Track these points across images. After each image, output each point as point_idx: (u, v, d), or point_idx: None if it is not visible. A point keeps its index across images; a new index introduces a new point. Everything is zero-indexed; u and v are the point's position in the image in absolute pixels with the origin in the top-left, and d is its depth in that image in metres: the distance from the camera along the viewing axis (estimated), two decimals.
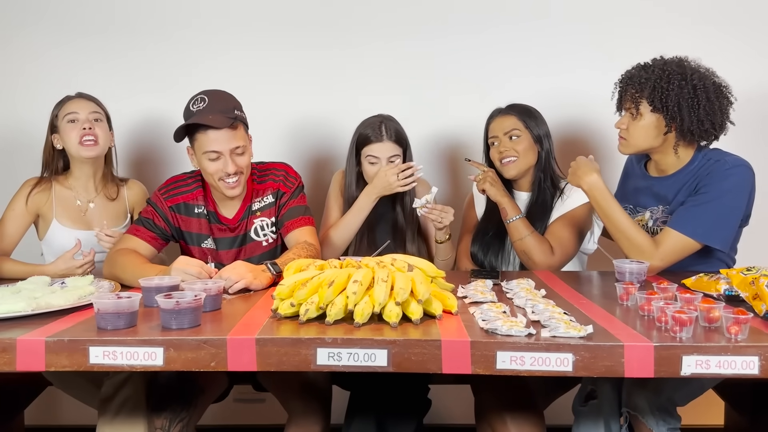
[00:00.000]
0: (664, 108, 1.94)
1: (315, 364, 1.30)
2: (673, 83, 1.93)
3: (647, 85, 1.95)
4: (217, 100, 1.96)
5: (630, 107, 1.99)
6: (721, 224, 1.91)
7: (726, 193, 1.90)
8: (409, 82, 2.75)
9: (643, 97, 1.96)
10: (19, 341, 1.32)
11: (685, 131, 1.95)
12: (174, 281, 1.61)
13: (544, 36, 2.73)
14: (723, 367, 1.26)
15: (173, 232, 2.09)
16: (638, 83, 1.97)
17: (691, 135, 1.96)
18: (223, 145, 1.94)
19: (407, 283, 1.43)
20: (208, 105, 1.94)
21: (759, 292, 1.47)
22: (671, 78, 1.93)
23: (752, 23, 2.68)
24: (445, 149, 2.82)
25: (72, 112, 2.18)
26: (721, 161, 1.96)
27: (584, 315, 1.49)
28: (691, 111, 1.92)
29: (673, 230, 1.91)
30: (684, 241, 1.90)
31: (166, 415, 1.72)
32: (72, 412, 2.74)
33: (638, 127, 1.99)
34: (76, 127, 2.17)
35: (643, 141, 2.00)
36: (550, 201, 2.25)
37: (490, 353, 1.28)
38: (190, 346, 1.31)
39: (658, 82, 1.94)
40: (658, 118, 1.96)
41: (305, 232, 2.07)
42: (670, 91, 1.92)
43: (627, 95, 2.01)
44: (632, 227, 1.93)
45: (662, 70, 1.96)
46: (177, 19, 2.77)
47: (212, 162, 1.96)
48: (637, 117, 1.98)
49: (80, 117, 2.18)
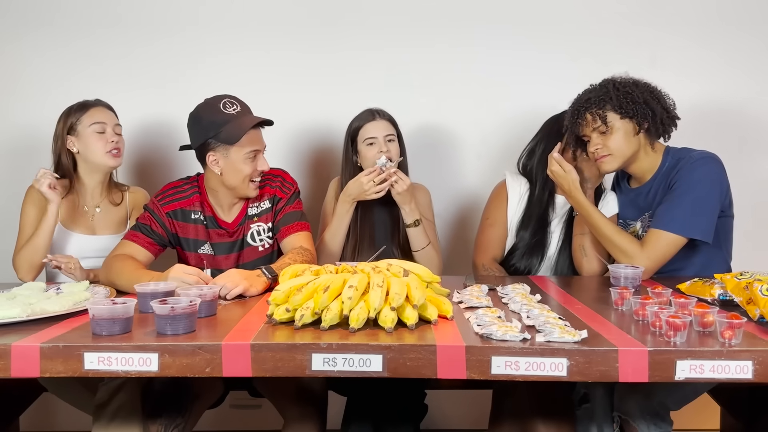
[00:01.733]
0: (634, 110, 1.99)
1: (310, 369, 1.31)
2: (630, 87, 2.01)
3: (607, 97, 2.01)
4: (242, 101, 2.04)
5: (597, 125, 2.02)
6: (698, 215, 1.95)
7: (696, 184, 1.96)
8: (407, 86, 2.76)
9: (608, 110, 2.01)
10: (14, 347, 1.32)
11: (657, 124, 2.02)
12: (169, 287, 1.61)
13: (541, 41, 2.74)
14: (717, 372, 1.27)
15: (170, 239, 2.09)
16: (597, 101, 2.02)
17: (662, 127, 2.03)
18: (261, 144, 2.05)
19: (402, 288, 1.43)
20: (243, 106, 2.03)
21: (753, 296, 1.47)
22: (625, 84, 2.02)
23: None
24: (444, 151, 2.82)
25: (100, 122, 2.21)
26: (686, 157, 2.02)
27: (579, 320, 1.49)
28: (657, 104, 2.00)
29: (655, 229, 1.96)
30: (667, 238, 1.93)
31: (162, 421, 1.72)
32: (67, 418, 2.74)
33: (615, 139, 2.02)
34: (103, 138, 2.21)
35: (626, 148, 2.03)
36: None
37: (485, 358, 1.28)
38: (185, 352, 1.31)
39: (616, 91, 2.01)
40: (628, 123, 2.01)
41: (301, 238, 2.08)
42: (632, 93, 1.99)
43: (588, 117, 2.03)
44: (617, 233, 1.99)
45: (611, 83, 2.04)
46: (176, 22, 2.77)
47: (251, 162, 2.02)
48: (608, 131, 2.01)
49: (107, 128, 2.22)
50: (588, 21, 2.74)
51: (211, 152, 2.01)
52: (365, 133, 2.27)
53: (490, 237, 2.30)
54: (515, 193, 2.31)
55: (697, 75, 2.67)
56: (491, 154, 2.77)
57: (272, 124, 2.05)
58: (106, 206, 2.30)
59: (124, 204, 2.34)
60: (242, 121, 1.98)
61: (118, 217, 2.32)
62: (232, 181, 2.03)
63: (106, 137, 2.21)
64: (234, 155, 2.00)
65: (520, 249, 2.25)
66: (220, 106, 1.99)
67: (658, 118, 2.01)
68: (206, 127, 1.98)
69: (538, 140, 2.30)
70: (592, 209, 2.04)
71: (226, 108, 1.99)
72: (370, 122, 2.27)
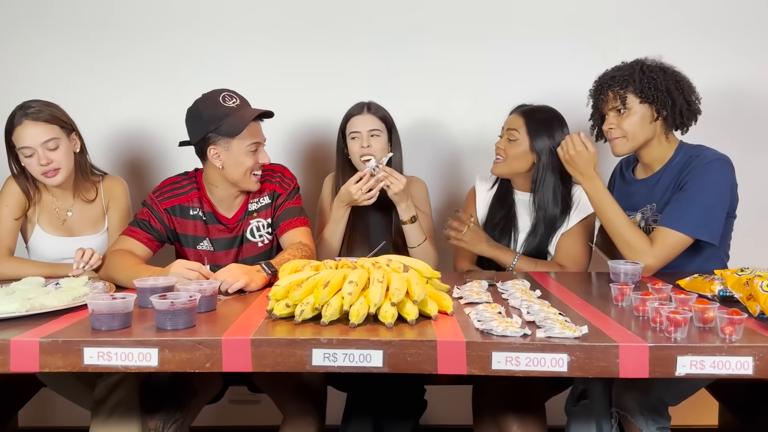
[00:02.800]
0: (655, 96, 1.98)
1: (310, 364, 1.30)
2: (656, 72, 2.00)
3: (631, 79, 2.00)
4: (240, 95, 2.03)
5: (616, 105, 2.02)
6: (708, 217, 1.94)
7: (709, 186, 1.95)
8: (405, 82, 2.76)
9: (629, 91, 2.00)
10: (13, 342, 1.31)
11: (676, 115, 2.01)
12: (169, 282, 1.60)
13: (540, 40, 2.74)
14: (717, 368, 1.27)
15: (169, 234, 2.09)
16: (621, 80, 2.01)
17: (680, 118, 2.02)
18: (261, 137, 2.06)
19: (403, 283, 1.43)
20: (242, 99, 2.02)
21: (753, 292, 1.47)
22: (652, 68, 2.01)
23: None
24: (442, 150, 2.82)
25: (25, 146, 2.05)
26: (700, 156, 2.01)
27: (579, 316, 1.49)
28: (679, 94, 2.00)
29: (664, 228, 1.95)
30: (675, 237, 1.93)
31: (160, 416, 1.72)
32: (65, 413, 2.73)
33: (631, 122, 2.02)
34: (34, 161, 2.06)
35: (640, 133, 2.03)
36: (557, 218, 2.21)
37: (485, 354, 1.28)
38: (185, 347, 1.31)
39: (642, 74, 2.00)
40: (647, 109, 2.01)
41: (300, 233, 2.08)
42: (657, 79, 1.99)
43: (610, 95, 2.04)
44: (628, 226, 1.96)
45: (639, 65, 2.03)
46: (173, 21, 2.76)
47: (253, 154, 2.02)
48: (625, 112, 2.01)
49: (35, 150, 2.05)
50: (589, 20, 2.73)
51: (212, 146, 2.00)
52: (350, 126, 2.29)
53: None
54: (482, 193, 2.38)
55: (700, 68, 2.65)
56: (489, 149, 2.75)
57: (272, 116, 2.05)
58: (80, 206, 2.22)
59: (99, 199, 2.25)
60: (243, 114, 1.98)
61: (93, 215, 2.24)
62: (233, 175, 2.03)
63: (36, 160, 2.06)
64: (235, 148, 1.99)
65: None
66: (220, 99, 1.98)
67: (678, 109, 2.00)
68: (207, 121, 1.97)
69: None
70: (608, 196, 2.00)
71: (226, 101, 1.98)
72: (356, 116, 2.29)
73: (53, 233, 2.19)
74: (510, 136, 2.20)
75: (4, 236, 2.13)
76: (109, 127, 2.77)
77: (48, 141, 2.06)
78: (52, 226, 2.20)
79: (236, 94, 2.02)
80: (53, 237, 2.19)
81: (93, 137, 2.39)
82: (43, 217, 2.19)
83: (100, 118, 2.73)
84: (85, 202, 2.23)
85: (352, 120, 2.29)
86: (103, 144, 2.75)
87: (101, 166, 2.33)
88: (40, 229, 2.19)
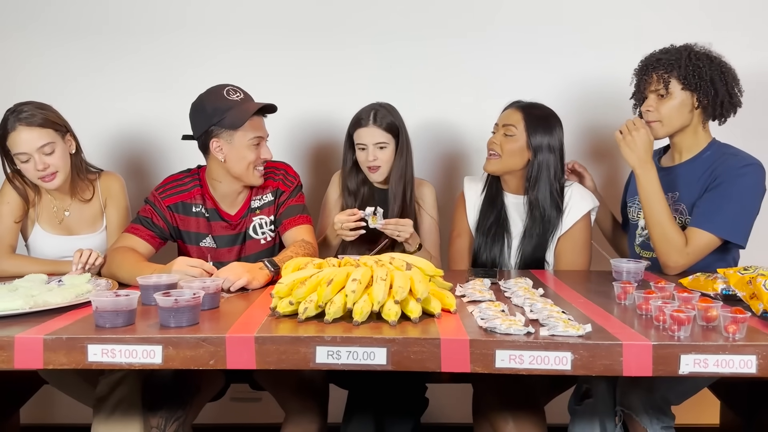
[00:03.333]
0: (698, 84, 1.98)
1: (314, 362, 1.30)
2: (702, 60, 1.99)
3: (677, 64, 1.99)
4: (244, 90, 2.04)
5: (658, 88, 2.01)
6: (743, 220, 1.96)
7: (746, 189, 1.96)
8: (409, 81, 2.75)
9: (673, 76, 1.99)
10: (17, 339, 1.31)
11: (716, 106, 2.00)
12: (172, 279, 1.60)
13: (542, 37, 2.74)
14: (721, 366, 1.27)
15: (171, 232, 2.09)
16: (666, 64, 2.00)
17: (720, 110, 2.02)
18: (264, 131, 2.06)
19: (406, 281, 1.43)
20: (245, 94, 2.03)
21: (756, 291, 1.48)
22: (699, 56, 2.00)
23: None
24: (442, 148, 2.82)
25: (20, 152, 2.04)
26: (738, 156, 2.01)
27: (582, 314, 1.50)
28: (723, 85, 1.99)
29: (698, 228, 1.95)
30: (707, 239, 1.94)
31: (162, 413, 1.72)
32: (67, 410, 2.74)
33: (670, 107, 2.01)
34: (30, 166, 2.06)
35: (677, 120, 2.03)
36: (553, 220, 2.15)
37: (489, 352, 1.28)
38: (189, 345, 1.31)
39: (688, 60, 1.99)
40: (688, 96, 2.00)
41: (303, 231, 2.08)
42: (702, 68, 1.98)
43: (654, 77, 2.02)
44: (671, 222, 1.96)
45: (687, 51, 2.02)
46: (173, 20, 2.75)
47: (255, 148, 2.03)
48: (666, 97, 2.00)
49: (31, 155, 2.04)
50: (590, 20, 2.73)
51: (215, 139, 2.00)
52: (357, 137, 2.27)
53: (458, 248, 2.29)
54: (471, 198, 2.30)
55: None
56: None
57: (275, 110, 2.05)
58: (77, 206, 2.21)
59: (96, 197, 2.24)
60: (246, 106, 1.98)
61: (91, 213, 2.23)
62: (236, 169, 2.03)
63: (32, 165, 2.05)
64: (238, 141, 1.99)
65: (483, 247, 2.23)
66: (224, 93, 1.99)
67: (719, 100, 2.00)
68: (210, 114, 1.97)
69: None
70: (660, 186, 1.98)
71: (230, 95, 1.99)
72: (362, 128, 2.25)
73: (52, 232, 2.19)
74: (507, 132, 2.15)
75: (5, 234, 2.13)
76: (108, 126, 2.76)
77: (44, 146, 2.05)
78: (50, 225, 2.19)
79: (240, 89, 2.03)
80: (52, 236, 2.18)
81: (93, 136, 2.40)
82: (43, 216, 2.19)
83: (100, 118, 2.73)
84: (82, 202, 2.22)
85: (358, 132, 2.25)
86: (103, 143, 2.74)
87: (101, 165, 2.33)
88: (40, 227, 2.18)
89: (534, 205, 2.16)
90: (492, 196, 2.28)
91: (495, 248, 2.21)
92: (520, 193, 2.22)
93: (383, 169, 2.26)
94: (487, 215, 2.25)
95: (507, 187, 2.26)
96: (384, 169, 2.26)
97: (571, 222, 2.15)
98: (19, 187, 2.15)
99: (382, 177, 2.28)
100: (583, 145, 2.75)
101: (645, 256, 2.14)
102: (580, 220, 2.15)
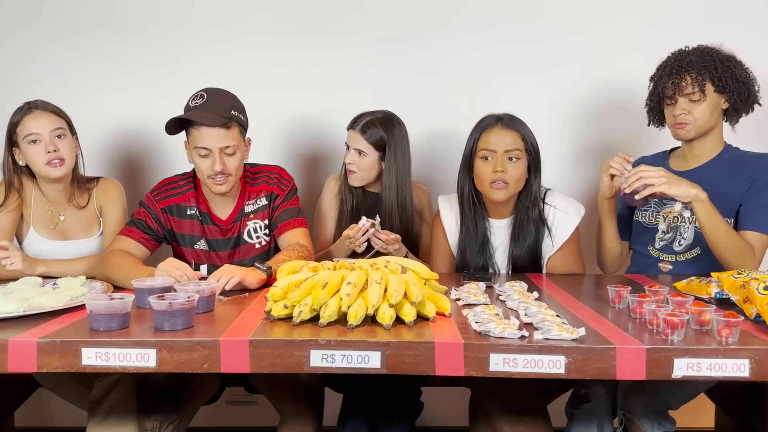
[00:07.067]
0: (733, 87, 1.98)
1: (308, 365, 1.30)
2: (732, 62, 2.00)
3: (712, 66, 1.98)
4: (215, 98, 1.96)
5: (694, 91, 1.99)
6: None
7: None
8: (404, 84, 2.75)
9: (707, 79, 1.99)
10: (11, 342, 1.31)
11: (739, 106, 2.01)
12: (167, 283, 1.60)
13: (539, 38, 2.74)
14: (714, 370, 1.27)
15: (166, 234, 2.09)
16: (699, 66, 1.99)
17: (744, 109, 2.03)
18: (213, 143, 1.94)
19: (401, 285, 1.43)
20: (206, 102, 1.94)
21: (750, 295, 1.48)
22: (728, 59, 2.01)
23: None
24: (441, 149, 2.81)
25: (32, 132, 2.05)
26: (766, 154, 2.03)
27: (576, 317, 1.50)
28: (753, 86, 2.02)
29: (758, 233, 1.96)
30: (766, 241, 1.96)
31: (157, 417, 1.72)
32: (62, 414, 2.73)
33: (702, 110, 2.01)
34: (40, 149, 2.05)
35: (707, 122, 2.03)
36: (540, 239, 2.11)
37: (483, 355, 1.29)
38: (183, 348, 1.31)
39: (721, 63, 1.99)
40: (719, 98, 2.01)
41: (298, 234, 2.08)
42: (735, 70, 1.99)
43: (688, 79, 2.00)
44: (735, 235, 1.92)
45: (713, 53, 2.02)
46: (171, 19, 2.76)
47: (203, 159, 1.97)
48: (700, 99, 2.00)
49: (42, 137, 2.05)
50: (590, 21, 2.74)
51: (185, 142, 2.02)
52: (347, 136, 2.29)
53: (441, 268, 2.22)
54: (448, 218, 2.20)
55: None
56: None
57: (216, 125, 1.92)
58: (72, 211, 2.20)
59: (91, 202, 2.22)
60: (192, 114, 1.93)
61: (86, 219, 2.22)
62: (199, 176, 2.03)
63: (42, 147, 2.05)
64: (190, 148, 1.99)
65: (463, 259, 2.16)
66: (191, 98, 1.98)
67: (751, 101, 2.02)
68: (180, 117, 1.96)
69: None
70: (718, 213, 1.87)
71: (194, 100, 1.97)
72: (350, 129, 2.29)
73: (47, 236, 2.17)
74: (513, 156, 2.02)
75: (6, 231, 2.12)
76: (105, 127, 2.76)
77: (56, 129, 2.08)
78: (45, 230, 2.18)
79: (208, 93, 1.96)
80: (47, 240, 2.17)
81: (89, 137, 2.39)
82: (37, 220, 2.18)
83: (96, 118, 2.72)
84: (77, 208, 2.21)
85: (349, 132, 2.29)
86: (100, 144, 2.74)
87: (98, 166, 2.34)
88: (34, 231, 2.17)
89: (520, 228, 2.10)
90: (474, 223, 2.14)
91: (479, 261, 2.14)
92: (505, 216, 2.14)
93: (358, 176, 2.27)
94: (469, 243, 2.14)
95: (492, 212, 2.16)
96: (360, 176, 2.27)
97: (560, 242, 2.11)
98: (8, 177, 2.13)
99: (358, 183, 2.29)
100: (579, 149, 2.76)
101: (666, 260, 2.12)
102: (570, 236, 2.10)
